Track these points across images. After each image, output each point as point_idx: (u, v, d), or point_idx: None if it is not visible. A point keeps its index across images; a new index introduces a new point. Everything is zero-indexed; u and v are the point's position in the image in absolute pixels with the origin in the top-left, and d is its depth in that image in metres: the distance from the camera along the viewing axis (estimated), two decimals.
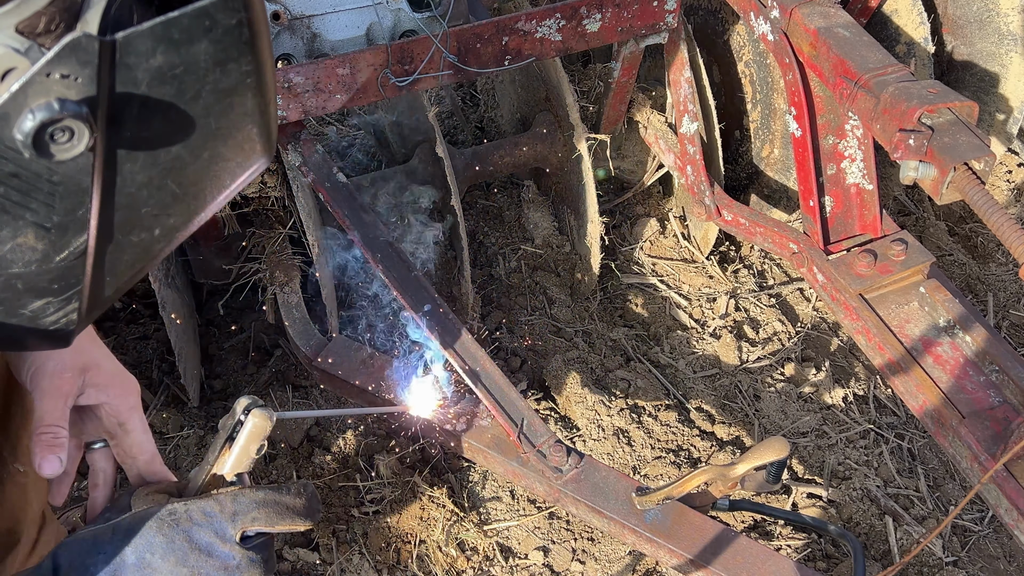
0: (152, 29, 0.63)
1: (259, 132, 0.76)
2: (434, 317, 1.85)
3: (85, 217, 0.69)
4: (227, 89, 0.70)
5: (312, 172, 2.03)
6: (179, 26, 0.64)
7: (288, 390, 2.34)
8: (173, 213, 0.75)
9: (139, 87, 0.65)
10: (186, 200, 0.75)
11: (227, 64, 0.69)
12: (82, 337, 1.17)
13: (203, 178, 0.75)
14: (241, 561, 1.03)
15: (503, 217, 2.76)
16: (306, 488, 1.09)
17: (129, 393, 1.23)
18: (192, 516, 1.02)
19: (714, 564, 1.62)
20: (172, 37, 0.65)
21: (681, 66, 2.31)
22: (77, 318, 0.75)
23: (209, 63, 0.68)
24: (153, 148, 0.70)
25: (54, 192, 0.66)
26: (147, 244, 0.76)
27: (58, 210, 0.67)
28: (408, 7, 2.13)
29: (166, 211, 0.74)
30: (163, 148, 0.70)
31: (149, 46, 0.64)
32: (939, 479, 2.31)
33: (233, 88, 0.71)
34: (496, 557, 2.07)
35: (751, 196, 2.69)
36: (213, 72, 0.68)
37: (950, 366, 1.85)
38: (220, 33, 0.67)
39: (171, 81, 0.66)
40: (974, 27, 2.34)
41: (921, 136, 1.63)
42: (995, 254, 2.87)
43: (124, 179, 0.70)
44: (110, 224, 0.71)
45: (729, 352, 2.53)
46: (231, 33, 0.68)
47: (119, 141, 0.67)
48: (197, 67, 0.67)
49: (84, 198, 0.67)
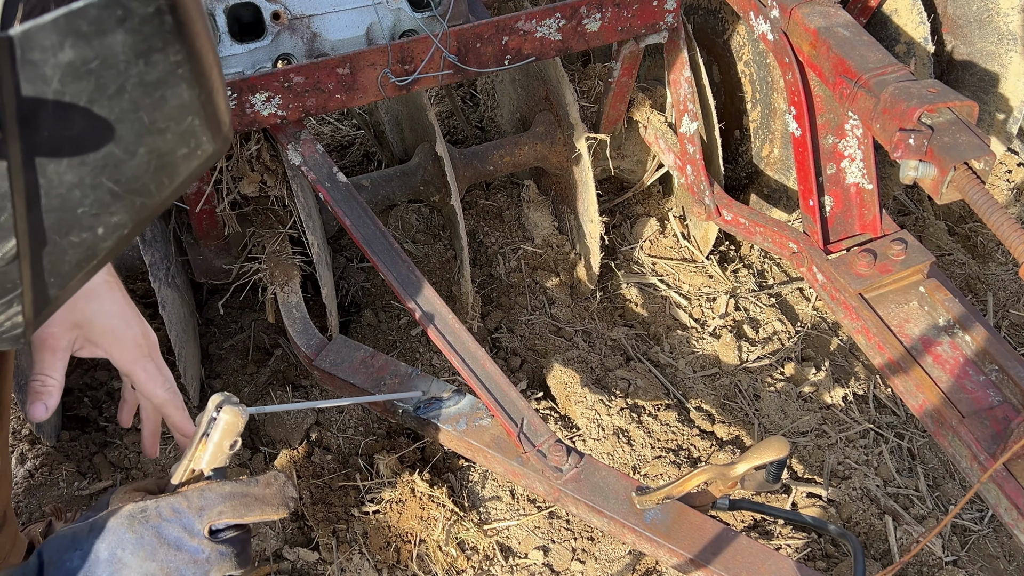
0: (55, 22, 0.58)
1: (202, 123, 0.71)
2: (434, 317, 1.85)
3: (8, 223, 0.63)
4: (155, 82, 0.65)
5: (312, 172, 2.03)
6: (86, 17, 0.59)
7: (288, 390, 2.34)
8: (116, 211, 0.70)
9: (50, 84, 0.60)
10: (128, 197, 0.70)
11: (151, 55, 0.64)
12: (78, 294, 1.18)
13: (144, 174, 0.70)
14: (211, 555, 1.05)
15: (503, 217, 2.76)
16: (276, 478, 1.11)
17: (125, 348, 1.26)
18: (161, 512, 1.05)
19: (714, 564, 1.62)
20: (80, 29, 0.59)
21: (681, 66, 2.31)
22: (23, 321, 0.71)
23: (129, 55, 0.62)
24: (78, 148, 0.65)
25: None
26: (91, 243, 0.71)
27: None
28: (408, 7, 2.13)
29: (107, 210, 0.70)
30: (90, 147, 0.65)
31: (54, 40, 0.59)
32: (939, 479, 2.31)
33: (163, 80, 0.66)
34: (496, 556, 2.07)
35: (751, 196, 2.69)
36: (135, 64, 0.63)
37: (950, 366, 1.85)
38: (136, 23, 0.62)
39: (86, 77, 0.61)
40: (974, 27, 2.34)
41: (921, 136, 1.63)
42: (995, 254, 2.87)
43: (50, 181, 0.65)
44: (41, 227, 0.67)
45: (729, 352, 2.53)
46: (150, 22, 0.62)
47: (36, 143, 0.62)
48: (115, 60, 0.62)
49: (4, 203, 0.62)
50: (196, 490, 1.08)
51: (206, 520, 1.05)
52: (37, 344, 1.21)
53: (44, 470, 2.13)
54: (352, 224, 1.97)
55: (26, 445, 2.17)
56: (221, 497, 1.07)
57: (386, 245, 1.95)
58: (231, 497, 1.07)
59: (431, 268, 2.55)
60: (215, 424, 1.10)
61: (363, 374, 1.90)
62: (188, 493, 1.07)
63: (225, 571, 1.07)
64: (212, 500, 1.07)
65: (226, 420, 1.10)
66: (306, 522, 2.09)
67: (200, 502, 1.06)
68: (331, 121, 3.19)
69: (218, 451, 1.11)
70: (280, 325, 2.13)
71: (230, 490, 1.08)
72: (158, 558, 1.02)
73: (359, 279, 2.60)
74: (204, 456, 1.12)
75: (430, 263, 2.55)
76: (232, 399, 1.12)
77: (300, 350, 1.98)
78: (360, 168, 3.00)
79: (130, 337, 1.26)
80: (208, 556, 1.04)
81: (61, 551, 1.01)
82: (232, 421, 1.10)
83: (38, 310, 0.72)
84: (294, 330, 2.01)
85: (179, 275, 2.29)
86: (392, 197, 2.48)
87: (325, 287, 2.13)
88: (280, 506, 1.10)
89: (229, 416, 1.10)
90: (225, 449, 1.12)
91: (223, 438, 1.11)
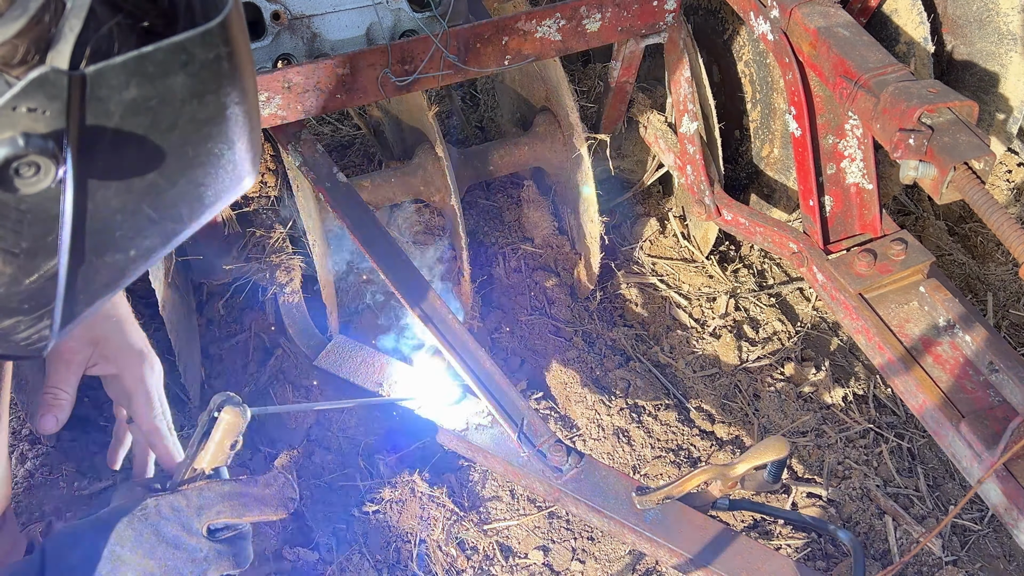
0: (125, 64, 0.62)
1: (240, 158, 0.75)
2: (434, 317, 1.85)
3: (55, 243, 0.67)
4: (205, 119, 0.69)
5: (312, 172, 2.03)
6: (154, 60, 0.63)
7: (288, 390, 2.34)
8: (149, 235, 0.74)
9: (111, 119, 0.64)
10: (163, 223, 0.74)
11: (205, 96, 0.68)
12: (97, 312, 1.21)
13: (180, 203, 0.74)
14: (208, 553, 1.07)
15: (503, 217, 2.76)
16: (276, 479, 1.12)
17: (135, 366, 1.29)
18: (160, 511, 1.06)
19: (714, 564, 1.62)
20: (146, 71, 0.63)
21: (681, 66, 2.31)
22: (49, 334, 0.74)
23: (185, 95, 0.66)
24: (127, 176, 0.68)
25: (22, 220, 0.64)
26: (122, 264, 0.75)
27: (26, 236, 0.66)
28: (408, 7, 2.13)
29: (141, 234, 0.73)
30: (137, 176, 0.69)
31: (122, 80, 0.62)
32: (939, 479, 2.31)
33: (211, 118, 0.70)
34: (496, 556, 2.07)
35: (751, 196, 2.69)
36: (190, 104, 0.67)
37: (950, 366, 1.85)
38: (197, 67, 0.66)
39: (145, 113, 0.65)
40: (974, 27, 2.33)
41: (921, 136, 1.63)
42: (995, 254, 2.87)
43: (96, 205, 0.68)
44: (82, 248, 0.70)
45: (729, 352, 2.53)
46: (209, 67, 0.66)
47: (91, 171, 0.66)
48: (173, 99, 0.66)
49: (53, 225, 0.66)
50: (196, 489, 1.08)
51: (205, 519, 1.06)
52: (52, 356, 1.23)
53: (44, 470, 2.13)
54: (352, 224, 1.97)
55: (26, 445, 2.17)
56: (220, 497, 1.08)
57: (386, 245, 1.95)
58: (230, 497, 1.08)
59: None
60: (216, 423, 1.11)
61: (363, 374, 1.90)
62: (188, 492, 1.08)
63: (223, 570, 1.07)
64: (211, 499, 1.07)
65: (227, 420, 1.10)
66: (306, 522, 2.09)
67: (199, 501, 1.07)
68: (331, 121, 3.19)
69: (219, 450, 1.12)
70: (280, 325, 2.13)
71: (229, 490, 1.08)
72: (156, 556, 1.02)
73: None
74: (205, 455, 1.12)
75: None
76: (234, 399, 1.12)
77: (300, 350, 1.98)
78: (360, 168, 3.00)
79: (143, 360, 1.30)
80: (206, 555, 1.05)
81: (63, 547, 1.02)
82: (233, 421, 1.11)
83: (64, 325, 0.75)
84: (294, 330, 2.01)
85: (179, 275, 2.29)
86: (392, 197, 2.48)
87: (325, 287, 2.13)
88: (279, 506, 1.10)
89: (230, 416, 1.11)
90: (226, 449, 1.12)
91: (224, 438, 1.11)
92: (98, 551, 1.01)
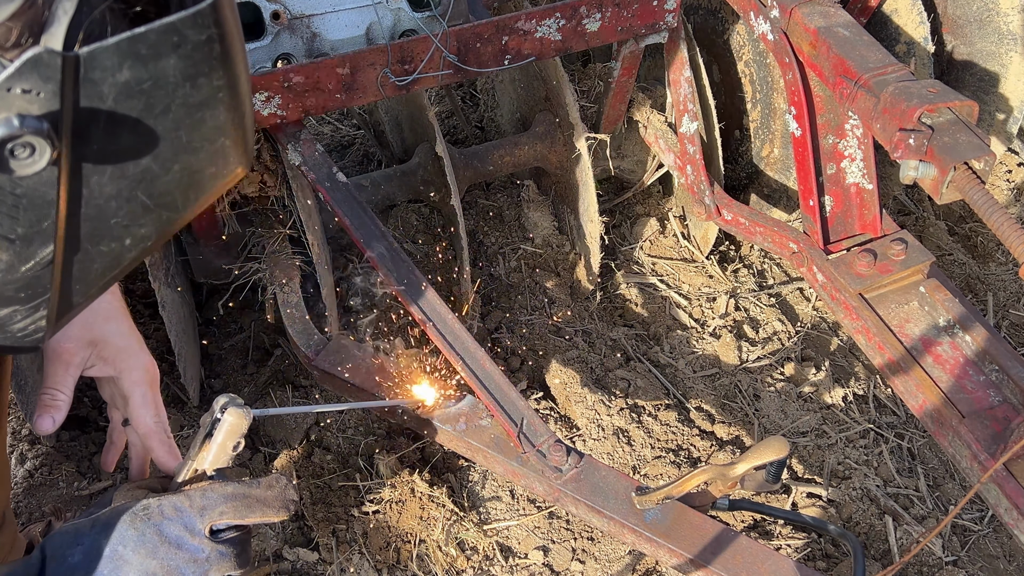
0: (118, 44, 0.62)
1: (233, 144, 0.75)
2: (434, 317, 1.85)
3: (51, 229, 0.68)
4: (198, 103, 0.70)
5: (312, 172, 2.03)
6: (146, 41, 0.63)
7: (288, 390, 2.34)
8: (144, 223, 0.74)
9: (105, 101, 0.64)
10: (157, 211, 0.74)
11: (197, 79, 0.68)
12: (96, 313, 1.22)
13: (174, 189, 0.74)
14: (211, 554, 1.07)
15: (503, 217, 2.76)
16: (278, 481, 1.13)
17: (134, 369, 1.29)
18: (163, 511, 1.06)
19: (714, 564, 1.62)
20: (139, 52, 0.64)
21: (681, 66, 2.31)
22: (46, 324, 0.74)
23: (178, 78, 0.67)
24: (121, 161, 0.69)
25: (18, 204, 0.65)
26: (117, 253, 0.75)
27: (22, 222, 0.66)
28: (408, 6, 2.13)
29: (136, 222, 0.74)
30: (132, 161, 0.69)
31: (115, 61, 0.63)
32: (939, 479, 2.31)
33: (204, 102, 0.70)
34: (496, 557, 2.07)
35: (751, 196, 2.69)
36: (183, 87, 0.68)
37: (950, 366, 1.85)
38: (189, 49, 0.66)
39: (139, 96, 0.66)
40: (974, 27, 2.34)
41: (921, 136, 1.63)
42: (995, 254, 2.87)
43: (91, 191, 0.69)
44: (77, 235, 0.70)
45: (729, 352, 2.53)
46: (201, 49, 0.67)
47: (85, 154, 0.66)
48: (166, 82, 0.66)
49: (49, 210, 0.66)
50: (198, 490, 1.09)
51: (207, 520, 1.06)
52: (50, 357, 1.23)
53: (44, 470, 2.13)
54: (352, 224, 1.97)
55: (26, 445, 2.17)
56: (223, 498, 1.08)
57: (386, 245, 1.95)
58: (233, 498, 1.08)
59: (431, 268, 2.54)
60: (219, 425, 1.11)
61: (363, 374, 1.90)
62: (190, 492, 1.08)
63: (224, 571, 1.07)
64: (214, 500, 1.07)
65: (230, 421, 1.11)
66: (306, 522, 2.09)
67: (202, 502, 1.07)
68: (331, 121, 3.19)
69: (221, 452, 1.12)
70: (280, 325, 2.13)
71: (232, 491, 1.09)
72: (159, 556, 1.03)
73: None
74: (207, 456, 1.12)
75: (430, 263, 2.55)
76: (237, 400, 1.12)
77: (300, 350, 1.98)
78: (360, 168, 3.00)
79: (141, 362, 1.30)
80: (208, 555, 1.05)
81: (63, 546, 1.02)
82: (236, 423, 1.11)
83: (60, 316, 0.75)
84: (294, 330, 2.01)
85: (179, 275, 2.29)
86: (392, 197, 2.48)
87: (325, 287, 2.13)
88: (281, 508, 1.11)
89: (233, 417, 1.11)
90: (228, 450, 1.13)
91: (227, 439, 1.12)
92: (99, 551, 1.01)
